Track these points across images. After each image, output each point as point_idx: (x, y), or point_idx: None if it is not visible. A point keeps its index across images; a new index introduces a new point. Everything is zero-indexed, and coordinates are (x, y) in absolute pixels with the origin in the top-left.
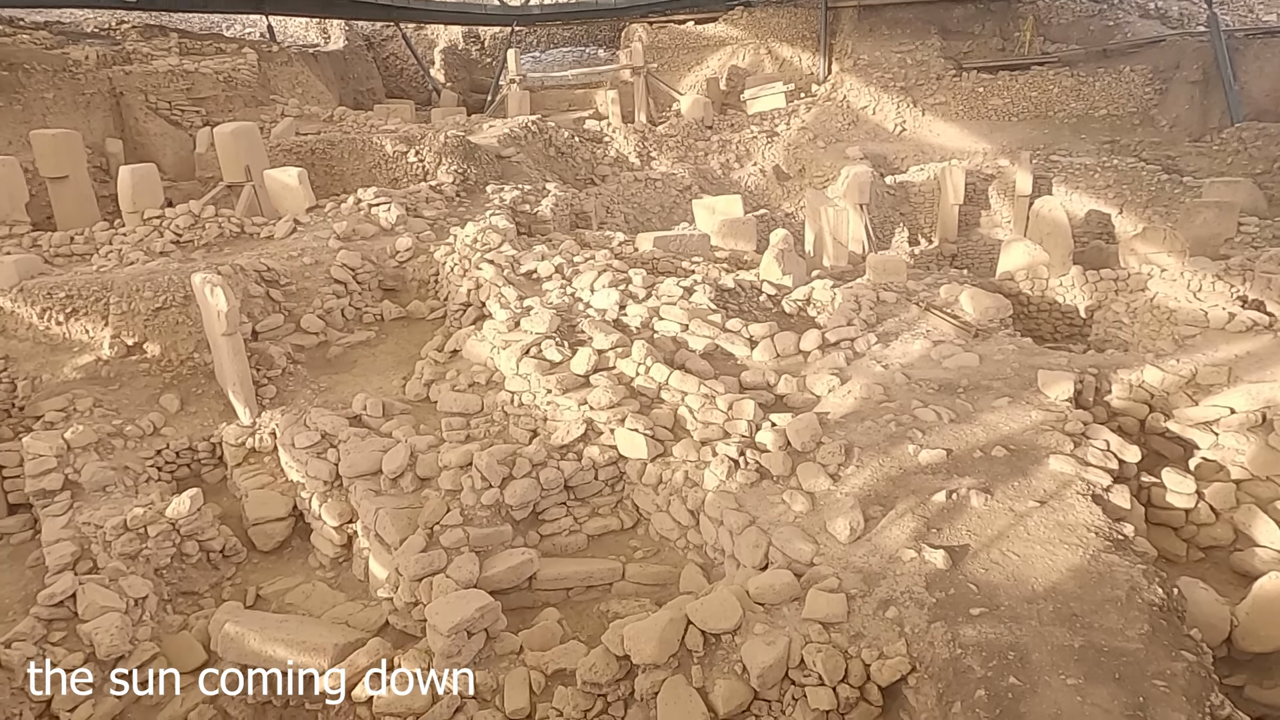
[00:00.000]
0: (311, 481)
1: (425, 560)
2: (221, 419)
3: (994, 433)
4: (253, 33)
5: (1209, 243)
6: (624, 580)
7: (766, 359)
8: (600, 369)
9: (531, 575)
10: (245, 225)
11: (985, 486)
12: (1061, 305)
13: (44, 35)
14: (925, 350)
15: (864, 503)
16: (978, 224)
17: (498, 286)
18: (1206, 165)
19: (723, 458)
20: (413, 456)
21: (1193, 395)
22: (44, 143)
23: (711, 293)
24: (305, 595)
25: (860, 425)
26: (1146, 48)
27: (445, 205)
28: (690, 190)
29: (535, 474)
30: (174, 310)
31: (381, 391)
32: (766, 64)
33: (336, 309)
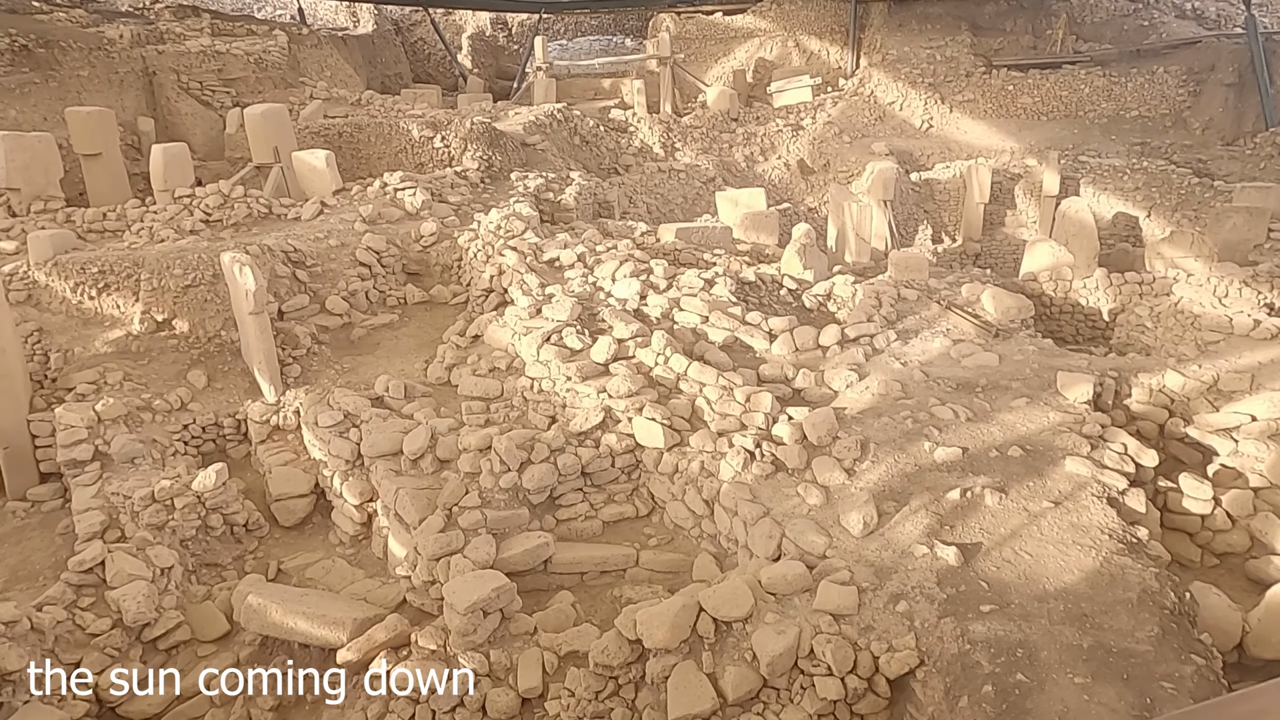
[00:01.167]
0: (334, 460)
1: (443, 540)
2: (247, 396)
3: (1011, 432)
4: (284, 15)
5: (1238, 248)
6: (638, 566)
7: (785, 353)
8: (620, 358)
9: (547, 558)
10: (273, 206)
11: (1000, 485)
12: (1085, 308)
13: (80, 14)
14: (945, 349)
15: (878, 498)
16: (1003, 224)
17: (520, 273)
18: (1239, 169)
19: (739, 449)
20: (433, 438)
21: (1214, 401)
22: (78, 120)
23: (732, 285)
24: (325, 571)
25: (877, 421)
26: (1181, 49)
27: (470, 191)
28: (714, 182)
29: (553, 459)
30: (203, 288)
31: (403, 374)
32: (794, 57)
33: (361, 291)
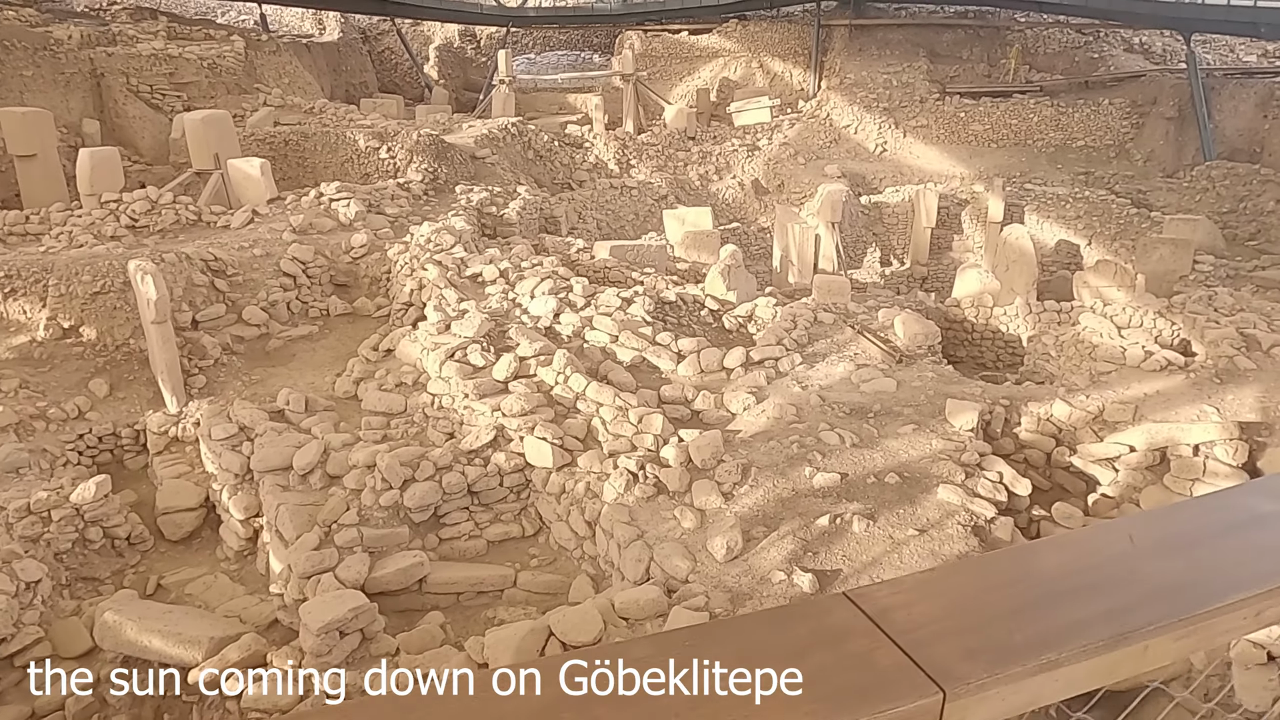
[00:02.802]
0: (223, 474)
1: (316, 558)
2: (150, 406)
3: (892, 459)
4: (247, 20)
5: (1164, 279)
6: (515, 588)
7: (690, 374)
8: (521, 376)
9: (422, 578)
10: (203, 213)
11: (870, 513)
12: (1005, 334)
13: (30, 13)
14: (847, 373)
15: (750, 523)
16: (950, 248)
17: (439, 288)
18: (1176, 201)
19: (622, 470)
20: (325, 454)
21: (1098, 431)
22: (13, 121)
23: (650, 305)
24: (206, 586)
25: (765, 445)
26: (1127, 82)
27: (410, 203)
28: (666, 200)
29: (438, 478)
30: (112, 295)
31: (313, 387)
32: (758, 77)
33: (282, 302)
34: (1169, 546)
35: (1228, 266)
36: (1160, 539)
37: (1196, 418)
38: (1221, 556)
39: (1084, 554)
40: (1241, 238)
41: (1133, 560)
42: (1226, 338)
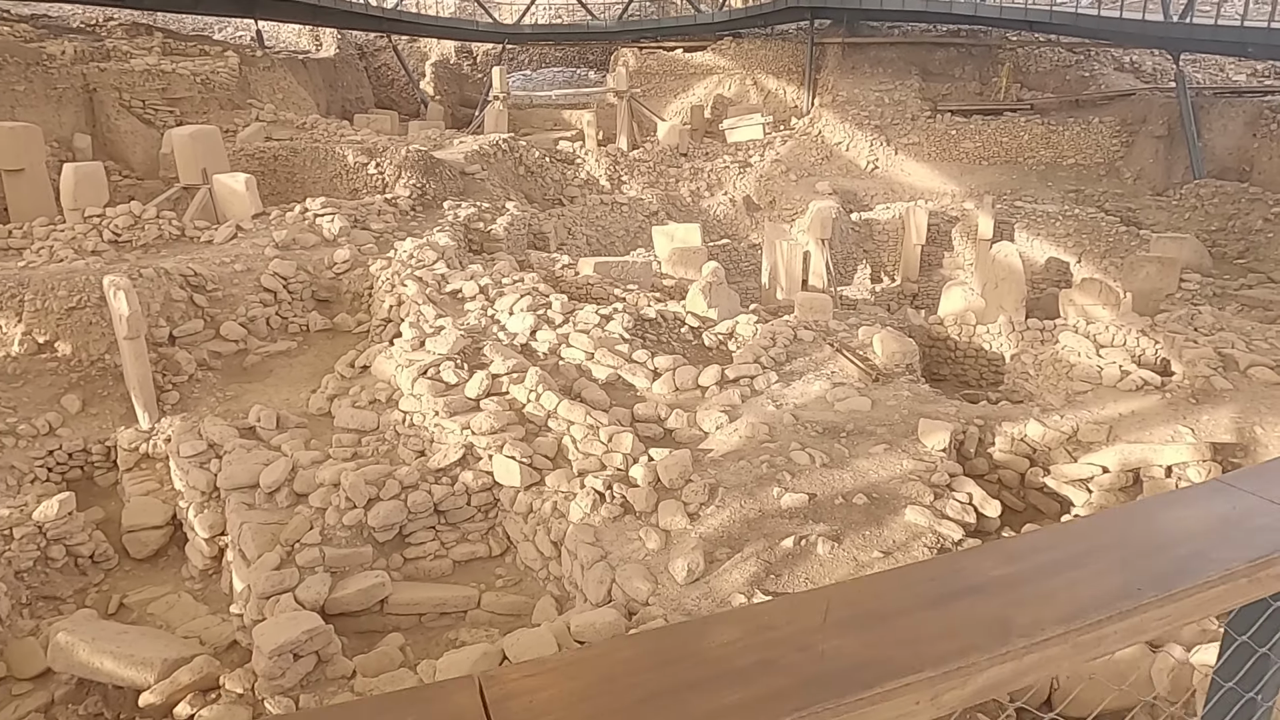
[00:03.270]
0: (189, 491)
1: (276, 578)
2: (123, 422)
3: (861, 480)
4: (244, 36)
5: (1150, 297)
6: (479, 609)
7: (665, 392)
8: (493, 393)
9: (384, 599)
10: (186, 229)
11: (836, 534)
12: (987, 352)
13: (24, 28)
14: (823, 392)
15: (714, 544)
16: (940, 265)
17: (418, 304)
18: (1165, 219)
19: (589, 490)
20: (293, 471)
21: (1072, 452)
22: (1, 135)
23: (630, 322)
24: (169, 606)
25: (735, 465)
26: (1117, 100)
27: (396, 219)
28: (657, 216)
29: (404, 496)
30: (88, 310)
31: (288, 404)
32: (752, 94)
33: (261, 317)
34: (862, 620)
35: (1214, 285)
36: (857, 612)
37: (1171, 438)
38: (916, 631)
39: (765, 628)
40: (1230, 256)
41: (815, 636)
42: (1204, 357)
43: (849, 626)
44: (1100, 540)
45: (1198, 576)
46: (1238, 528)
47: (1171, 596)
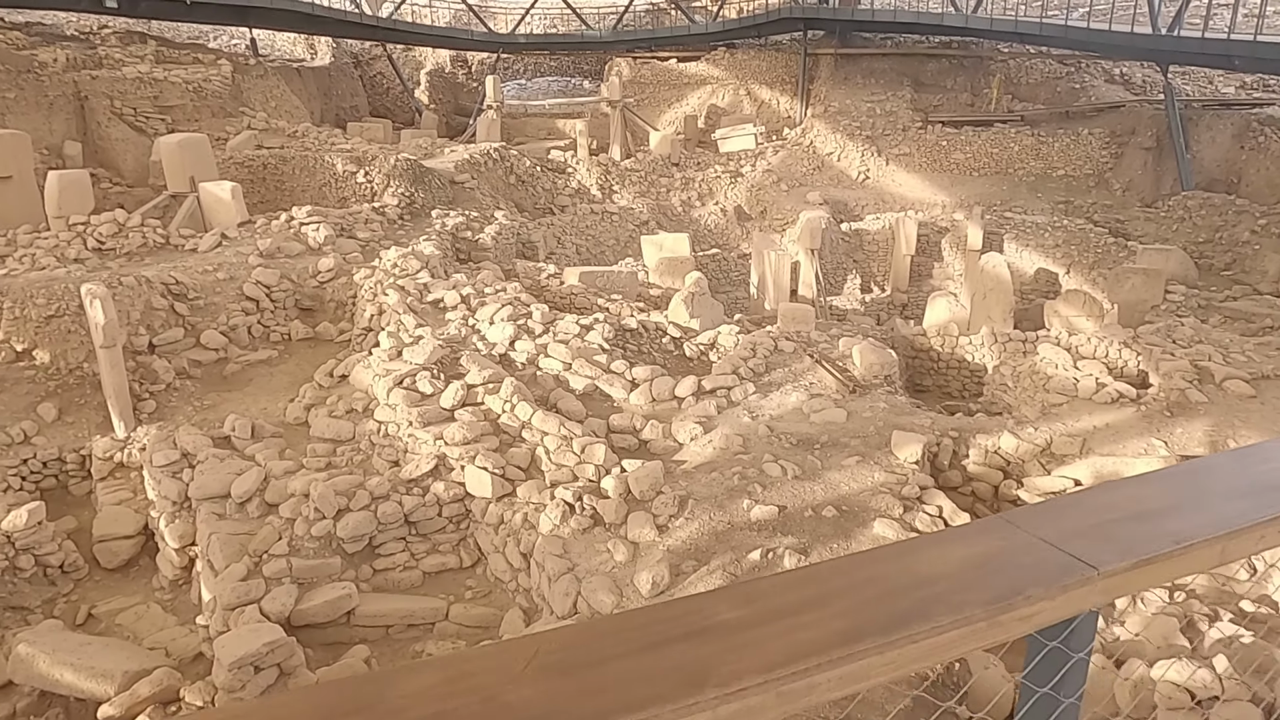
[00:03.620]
0: (161, 501)
1: (242, 589)
2: (99, 431)
3: (832, 492)
4: (239, 44)
5: (1136, 308)
6: (447, 621)
7: (642, 403)
8: (468, 404)
9: (350, 610)
10: (171, 237)
11: (803, 547)
12: (970, 363)
13: (17, 36)
14: (800, 403)
15: (681, 557)
16: (930, 275)
17: (398, 314)
18: (1153, 231)
19: (559, 501)
20: (265, 481)
21: (1046, 464)
22: None
23: (610, 332)
24: (137, 617)
25: (707, 476)
26: (1106, 112)
27: (384, 228)
28: (647, 225)
29: (374, 507)
30: (67, 319)
31: (266, 413)
32: (745, 105)
33: (243, 326)
34: (568, 666)
35: (1199, 296)
36: (566, 658)
37: (1144, 451)
38: (614, 679)
39: (466, 674)
40: (1217, 268)
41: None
42: (1180, 370)
43: (551, 673)
44: (849, 580)
45: (928, 622)
46: (994, 569)
47: (893, 643)
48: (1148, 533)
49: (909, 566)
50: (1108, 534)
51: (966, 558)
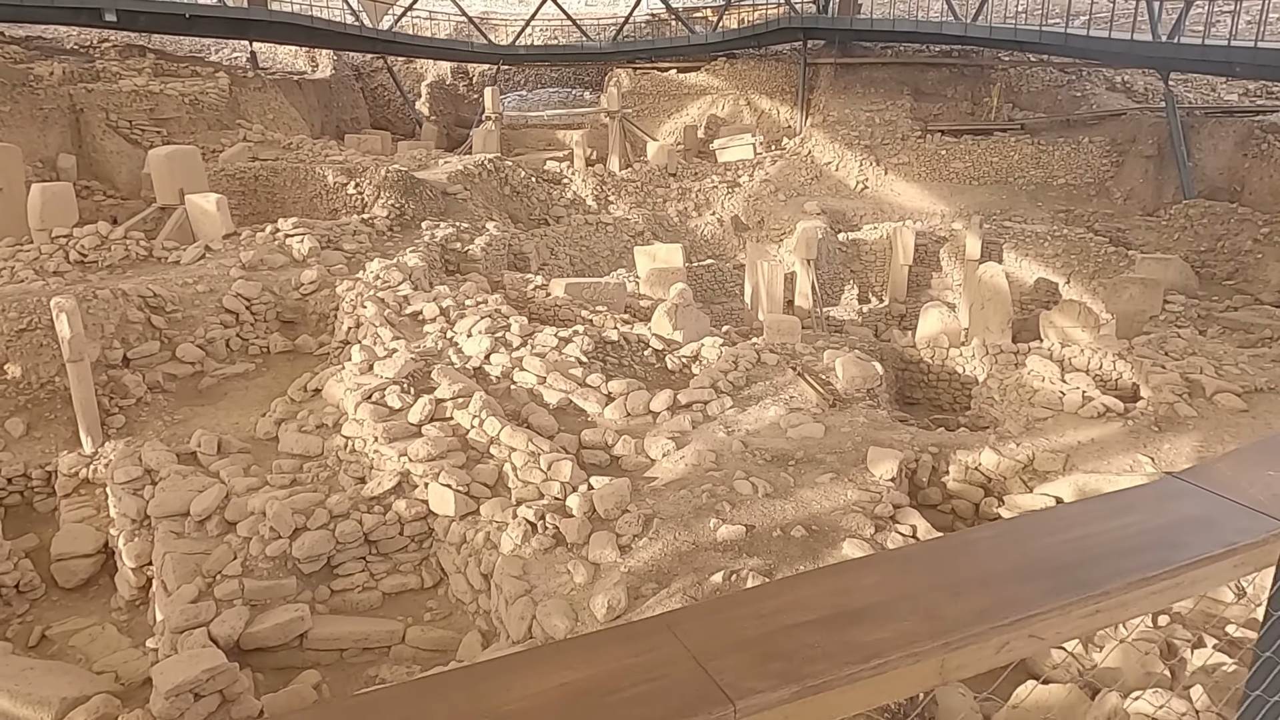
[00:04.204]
0: (120, 519)
1: (191, 611)
2: (67, 446)
3: (803, 511)
4: (240, 57)
5: (1134, 319)
6: (403, 644)
7: (616, 417)
8: (437, 419)
9: (303, 634)
10: (154, 249)
11: (768, 569)
12: (961, 376)
13: (15, 50)
14: (778, 417)
15: (641, 578)
16: (929, 285)
17: (375, 326)
18: (1155, 240)
19: (520, 520)
20: (226, 499)
21: (1028, 481)
22: None
23: (589, 345)
24: (91, 638)
25: (675, 494)
26: (1107, 120)
27: (371, 239)
28: (642, 236)
29: (332, 526)
30: (39, 332)
31: (238, 427)
32: (745, 115)
33: (221, 339)
34: None
35: (1199, 307)
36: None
37: (1129, 468)
38: None
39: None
40: (1219, 277)
41: None
42: (1170, 383)
43: None
44: None
45: None
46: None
47: None
48: (831, 644)
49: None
50: (774, 648)
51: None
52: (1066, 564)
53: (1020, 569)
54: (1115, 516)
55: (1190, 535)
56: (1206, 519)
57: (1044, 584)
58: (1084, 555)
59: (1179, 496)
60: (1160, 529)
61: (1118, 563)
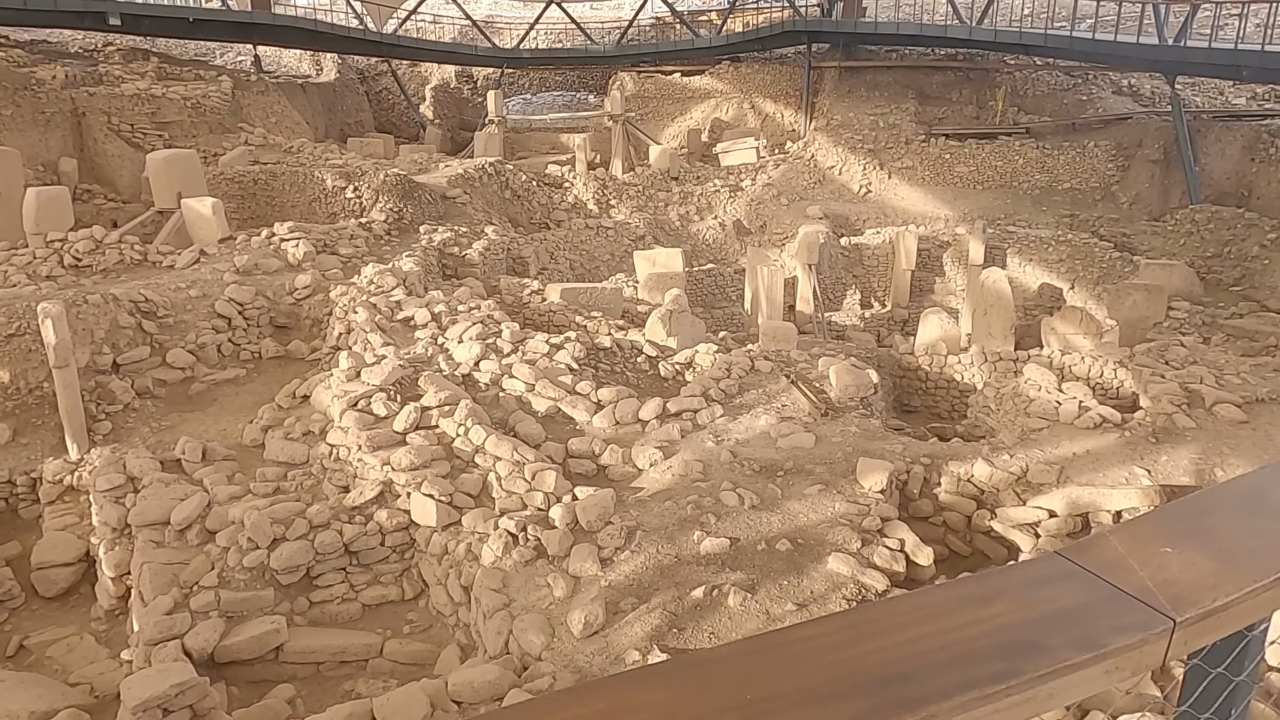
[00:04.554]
0: (101, 527)
1: (166, 623)
2: (53, 453)
3: (789, 523)
4: (244, 61)
5: (1138, 326)
6: (381, 657)
7: (604, 426)
8: (422, 427)
9: (279, 646)
10: (149, 253)
11: (751, 584)
12: (959, 384)
13: (18, 54)
14: (768, 427)
15: (621, 593)
16: (932, 290)
17: (365, 332)
18: (1160, 245)
19: (502, 532)
20: (208, 508)
21: (1021, 494)
22: None
23: (581, 352)
24: (69, 649)
25: (660, 506)
26: (1113, 124)
27: (369, 244)
28: (644, 240)
29: (311, 537)
30: (28, 337)
31: (225, 434)
32: (749, 118)
33: (212, 344)
34: None
35: (1204, 313)
36: None
37: (1125, 480)
38: None
39: None
40: (1225, 283)
41: None
42: (1168, 393)
43: None
44: None
45: None
46: None
47: None
48: None
49: None
50: None
51: None
52: (897, 674)
53: (841, 681)
54: (973, 608)
55: (1057, 634)
56: (1082, 611)
57: (862, 703)
58: (924, 662)
59: (1056, 581)
60: (1024, 625)
61: (961, 672)
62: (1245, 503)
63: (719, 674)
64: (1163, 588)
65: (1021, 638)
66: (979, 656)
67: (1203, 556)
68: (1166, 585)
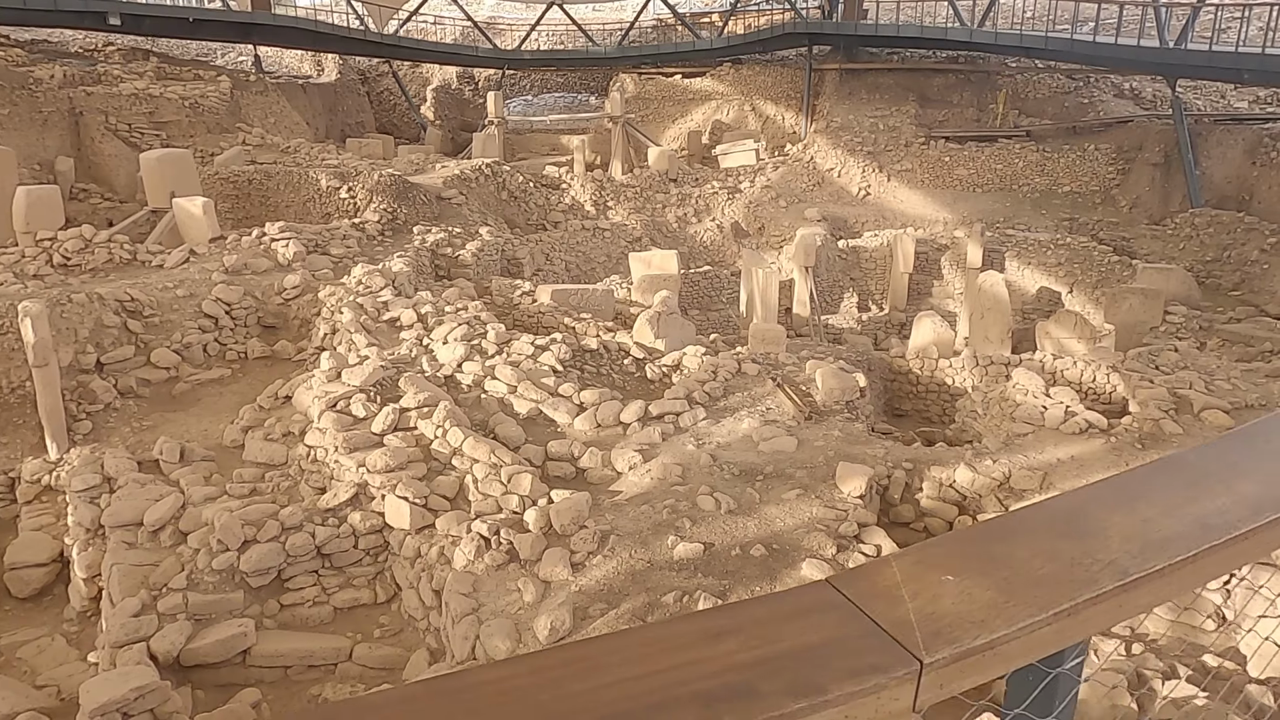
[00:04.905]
0: (75, 527)
1: (132, 625)
2: (33, 453)
3: (766, 529)
4: (245, 61)
5: (1134, 330)
6: (350, 661)
7: (585, 428)
8: (400, 428)
9: (246, 650)
10: (139, 253)
11: (723, 590)
12: (950, 387)
13: (17, 53)
14: (751, 430)
15: (590, 598)
16: (930, 293)
17: (350, 332)
18: (1160, 249)
19: (474, 535)
20: (182, 509)
21: (1004, 500)
22: None
23: (566, 353)
24: (39, 650)
25: (636, 510)
26: (1114, 127)
27: (360, 244)
28: (640, 242)
29: (283, 539)
30: (10, 336)
31: (206, 434)
32: (750, 120)
33: (198, 344)
34: None
35: (1201, 318)
36: None
37: None
38: None
39: None
40: (1225, 287)
41: None
42: (1156, 399)
43: None
44: None
45: None
46: None
47: None
48: None
49: None
50: None
51: None
52: (617, 714)
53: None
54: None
55: (780, 678)
56: (821, 651)
57: None
58: (614, 710)
59: (813, 613)
60: (750, 667)
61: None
62: (1057, 524)
63: None
64: (924, 623)
65: (738, 681)
66: (678, 704)
67: (983, 586)
68: (930, 620)
